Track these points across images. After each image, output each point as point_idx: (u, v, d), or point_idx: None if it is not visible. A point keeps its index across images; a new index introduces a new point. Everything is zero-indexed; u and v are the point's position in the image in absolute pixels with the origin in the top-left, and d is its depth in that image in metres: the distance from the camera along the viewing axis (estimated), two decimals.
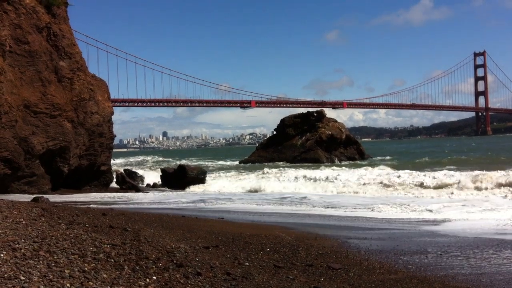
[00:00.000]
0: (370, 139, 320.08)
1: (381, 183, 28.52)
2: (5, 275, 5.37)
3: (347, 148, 65.50)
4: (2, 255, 6.17)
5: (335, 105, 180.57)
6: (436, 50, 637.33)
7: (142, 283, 6.09)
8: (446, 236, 11.91)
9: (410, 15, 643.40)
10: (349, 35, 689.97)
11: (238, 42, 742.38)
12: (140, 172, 43.86)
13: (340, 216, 16.31)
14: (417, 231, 12.78)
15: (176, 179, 35.94)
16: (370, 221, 15.09)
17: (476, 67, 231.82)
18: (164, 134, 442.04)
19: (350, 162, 59.93)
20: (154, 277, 6.38)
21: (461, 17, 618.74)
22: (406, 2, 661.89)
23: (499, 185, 23.74)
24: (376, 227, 13.68)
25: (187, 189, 33.12)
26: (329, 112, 75.48)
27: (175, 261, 7.25)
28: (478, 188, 24.04)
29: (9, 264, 5.82)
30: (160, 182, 36.97)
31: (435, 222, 14.64)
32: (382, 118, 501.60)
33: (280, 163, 59.38)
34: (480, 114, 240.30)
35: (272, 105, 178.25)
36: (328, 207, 19.54)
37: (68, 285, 5.45)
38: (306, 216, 16.49)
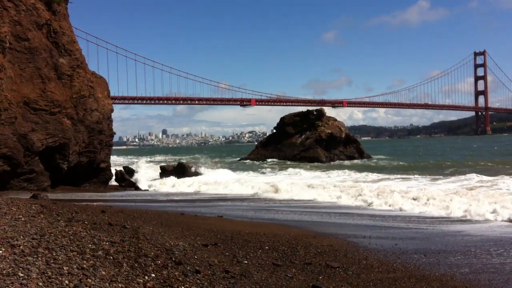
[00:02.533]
0: (370, 138, 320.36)
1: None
2: (4, 272, 5.38)
3: (347, 147, 65.52)
4: (0, 251, 6.17)
5: (335, 104, 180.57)
6: (433, 50, 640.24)
7: (141, 280, 6.09)
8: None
9: (407, 16, 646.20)
10: (347, 36, 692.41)
11: (237, 41, 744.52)
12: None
13: None
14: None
15: (176, 176, 35.97)
16: None
17: (476, 66, 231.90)
18: (164, 131, 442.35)
19: (351, 161, 60.01)
20: (153, 275, 6.39)
21: (457, 18, 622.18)
22: (403, 3, 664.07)
23: None
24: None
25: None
26: (329, 111, 75.62)
27: (173, 259, 7.26)
28: None
29: (8, 260, 5.83)
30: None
31: None
32: (382, 117, 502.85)
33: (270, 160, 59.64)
34: (479, 113, 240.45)
35: (272, 104, 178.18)
36: None
37: (66, 282, 5.45)
38: None
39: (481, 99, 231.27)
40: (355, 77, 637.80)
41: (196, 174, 36.71)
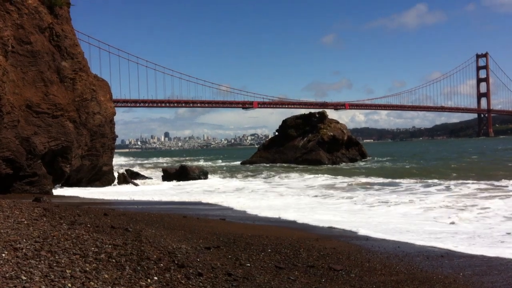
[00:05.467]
0: (372, 140, 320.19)
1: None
2: (7, 275, 5.38)
3: (349, 149, 65.46)
4: (3, 254, 6.18)
5: (337, 106, 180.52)
6: (433, 53, 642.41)
7: (143, 283, 6.09)
8: None
9: (405, 19, 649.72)
10: (345, 39, 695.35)
11: (238, 44, 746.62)
12: (141, 172, 43.89)
13: None
14: None
15: (178, 179, 36.00)
16: None
17: (479, 68, 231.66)
18: (166, 134, 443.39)
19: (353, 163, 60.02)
20: (156, 278, 6.38)
21: (455, 22, 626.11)
22: (400, 7, 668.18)
23: None
24: None
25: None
26: (331, 113, 75.50)
27: (176, 262, 7.25)
28: None
29: (11, 263, 5.83)
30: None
31: None
32: (384, 120, 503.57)
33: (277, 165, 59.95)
34: (482, 115, 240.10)
35: (274, 106, 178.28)
36: None
37: (69, 285, 5.45)
38: None
39: (483, 101, 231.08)
40: (355, 79, 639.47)
41: (199, 177, 36.46)
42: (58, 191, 26.72)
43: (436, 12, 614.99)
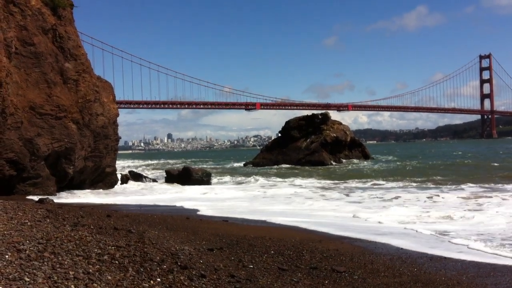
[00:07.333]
0: (375, 141, 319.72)
1: None
2: (10, 276, 5.39)
3: (352, 150, 65.50)
4: (7, 256, 6.19)
5: (340, 108, 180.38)
6: (434, 55, 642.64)
7: (146, 285, 6.09)
8: None
9: (405, 21, 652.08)
10: (347, 41, 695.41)
11: (241, 46, 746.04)
12: (144, 173, 43.93)
13: None
14: None
15: (181, 181, 35.99)
16: None
17: (482, 69, 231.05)
18: (169, 136, 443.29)
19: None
20: (158, 279, 6.39)
21: (455, 24, 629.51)
22: (399, 9, 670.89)
23: None
24: None
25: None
26: (334, 115, 75.33)
27: (179, 263, 7.25)
28: None
29: (14, 265, 5.84)
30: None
31: None
32: (387, 121, 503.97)
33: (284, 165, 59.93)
34: (485, 117, 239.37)
35: (277, 107, 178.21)
36: None
37: (72, 286, 5.45)
38: None
39: (486, 102, 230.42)
40: (357, 81, 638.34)
41: (202, 181, 35.95)
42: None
43: (436, 14, 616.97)
